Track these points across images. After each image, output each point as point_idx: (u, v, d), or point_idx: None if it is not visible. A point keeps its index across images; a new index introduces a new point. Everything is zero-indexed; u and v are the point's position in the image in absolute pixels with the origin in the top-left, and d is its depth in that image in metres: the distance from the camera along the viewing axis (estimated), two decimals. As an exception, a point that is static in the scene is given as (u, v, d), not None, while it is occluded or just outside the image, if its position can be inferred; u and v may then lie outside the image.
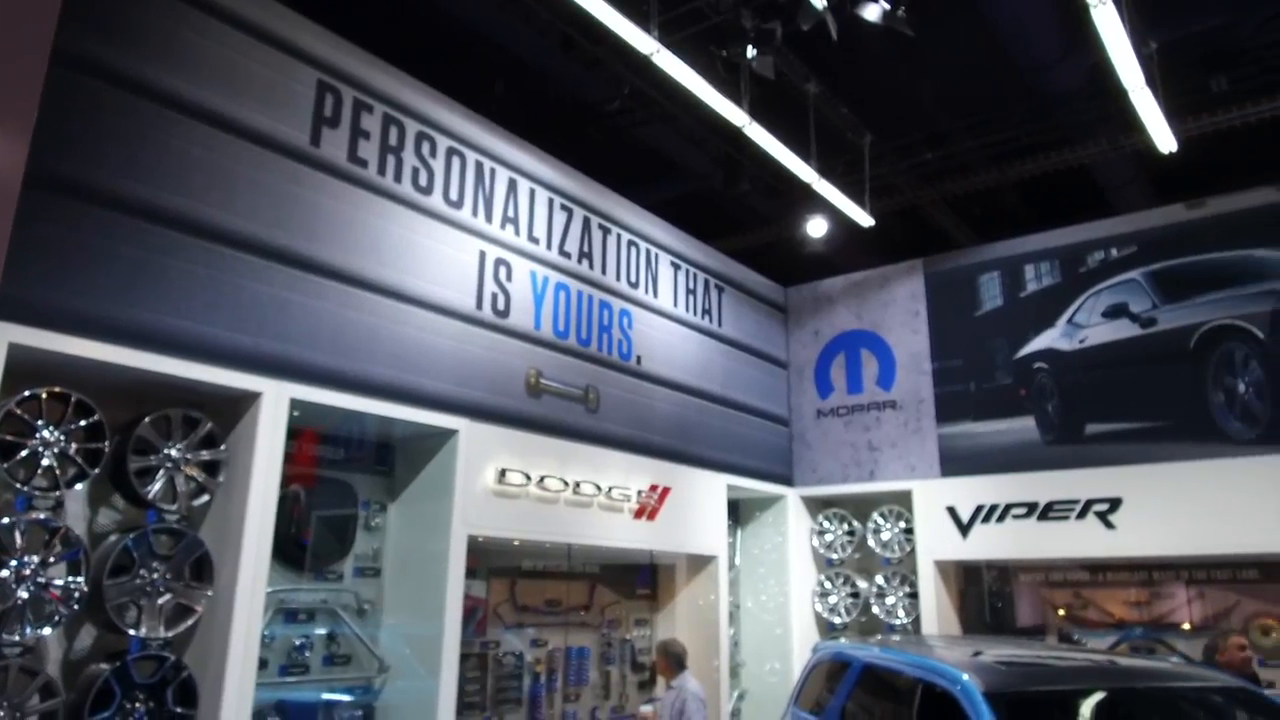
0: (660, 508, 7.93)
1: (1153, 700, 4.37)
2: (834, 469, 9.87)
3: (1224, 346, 7.76)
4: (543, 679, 7.30)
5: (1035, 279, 9.06)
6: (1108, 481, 8.02)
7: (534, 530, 6.76)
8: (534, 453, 6.80)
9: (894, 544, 9.22)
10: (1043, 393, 8.72)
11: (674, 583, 8.76)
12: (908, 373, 9.59)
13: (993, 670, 4.34)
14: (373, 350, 5.80)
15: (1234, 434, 7.65)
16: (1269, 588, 7.87)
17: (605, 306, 7.87)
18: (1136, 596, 8.46)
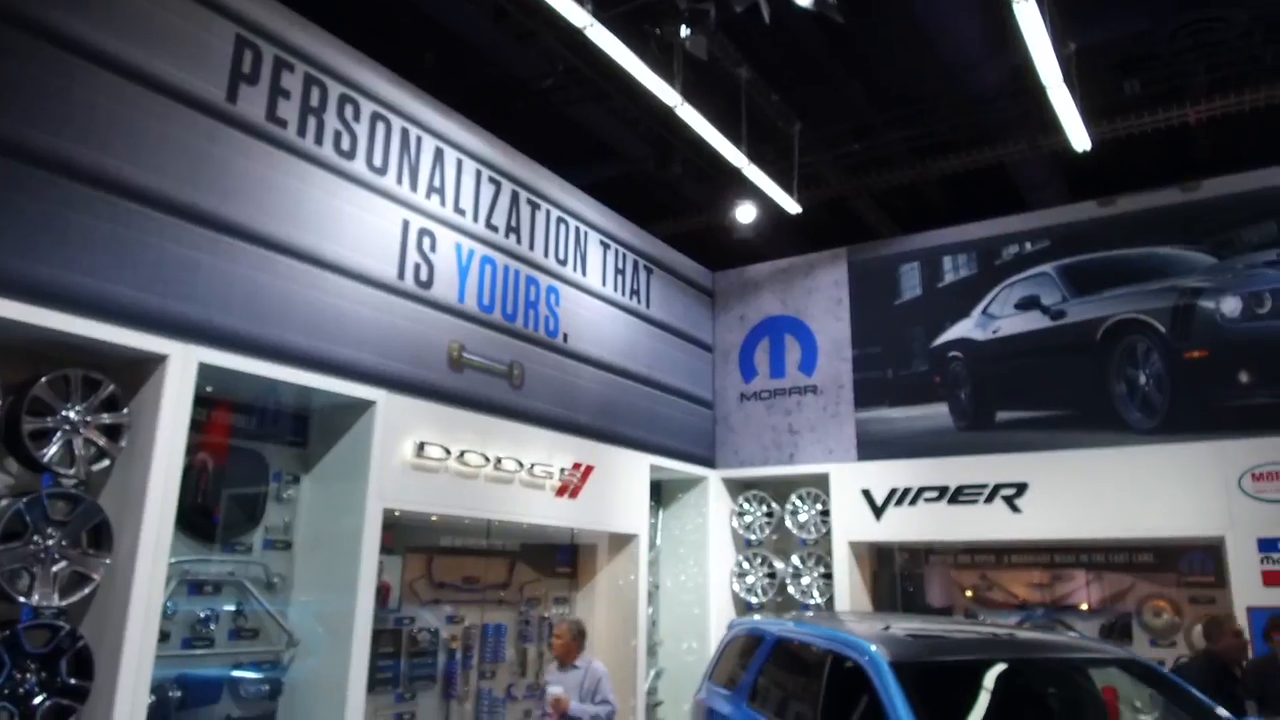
0: (583, 486, 7.92)
1: (1047, 670, 4.56)
2: (755, 452, 10.00)
3: (1128, 340, 8.10)
4: (458, 656, 7.23)
5: (953, 270, 9.31)
6: (1015, 467, 8.31)
7: (453, 506, 6.68)
8: (455, 427, 6.71)
9: (811, 525, 9.40)
10: (956, 381, 8.98)
11: (594, 561, 8.78)
12: (829, 359, 9.77)
13: (899, 642, 4.46)
14: (287, 316, 5.64)
15: (1134, 423, 8.00)
16: (1162, 571, 8.27)
17: (532, 282, 7.80)
18: (1039, 578, 8.81)
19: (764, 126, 8.69)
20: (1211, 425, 7.62)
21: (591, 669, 6.05)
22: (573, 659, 6.15)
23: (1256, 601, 7.11)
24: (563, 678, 5.98)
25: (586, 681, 5.95)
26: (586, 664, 6.12)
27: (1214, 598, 7.90)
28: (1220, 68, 7.63)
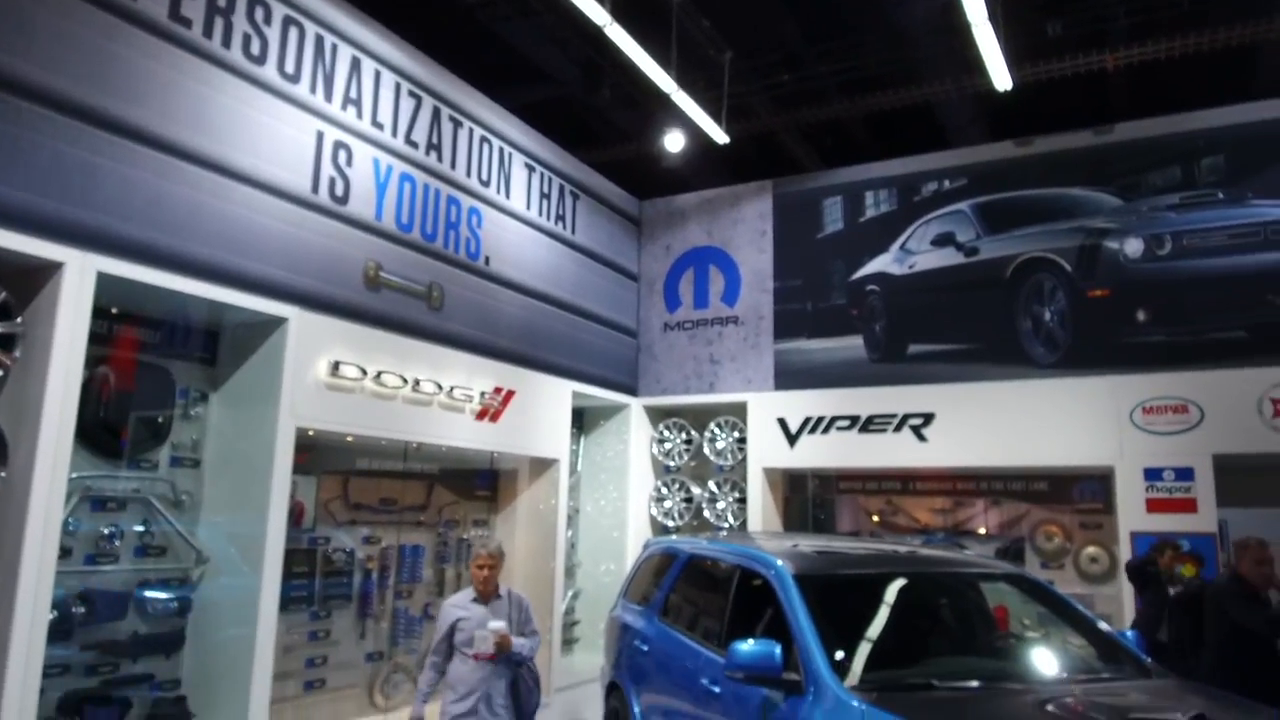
0: (503, 410, 7.92)
1: (940, 583, 4.81)
2: (677, 381, 10.12)
3: (1035, 277, 8.39)
4: (374, 576, 7.24)
5: (874, 206, 9.46)
6: (923, 398, 8.61)
7: (369, 427, 6.61)
8: (371, 347, 6.61)
9: (728, 452, 9.62)
10: (872, 314, 9.20)
11: (515, 485, 8.83)
12: (751, 290, 9.88)
13: (803, 557, 4.64)
14: (193, 227, 5.43)
15: (1037, 358, 8.34)
16: (1055, 498, 8.73)
17: (453, 202, 7.65)
18: (941, 504, 9.22)
19: (695, 54, 8.58)
20: (1108, 361, 8.00)
21: (514, 597, 5.15)
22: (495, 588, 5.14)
23: (1139, 527, 7.58)
24: (487, 611, 4.89)
25: (514, 612, 5.02)
26: (507, 593, 5.15)
27: (1101, 524, 8.40)
28: (1140, 13, 7.80)
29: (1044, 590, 4.76)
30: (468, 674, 4.78)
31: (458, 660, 4.81)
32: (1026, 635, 5.23)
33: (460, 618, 4.85)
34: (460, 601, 4.96)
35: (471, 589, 4.96)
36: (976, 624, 4.78)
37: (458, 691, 4.76)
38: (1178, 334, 7.87)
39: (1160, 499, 7.53)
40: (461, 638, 4.82)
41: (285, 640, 6.45)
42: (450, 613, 4.90)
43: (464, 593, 5.04)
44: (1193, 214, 7.96)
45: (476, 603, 4.91)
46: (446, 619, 4.88)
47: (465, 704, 4.74)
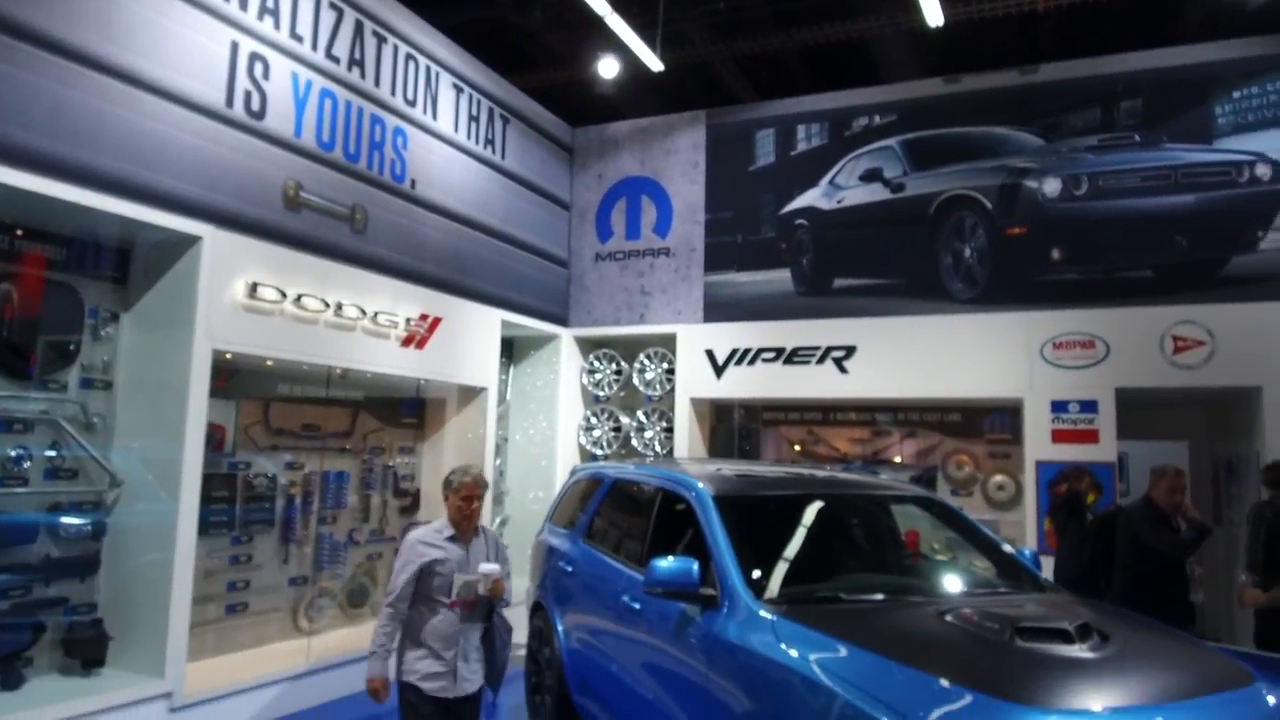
0: (430, 337, 7.84)
1: (853, 505, 5.00)
2: (608, 312, 10.13)
3: (957, 214, 8.57)
4: (297, 502, 7.19)
5: (806, 140, 9.49)
6: (846, 331, 8.80)
7: (290, 351, 6.48)
8: (291, 269, 6.44)
9: (656, 383, 9.73)
10: (800, 248, 9.30)
11: (442, 413, 8.80)
12: (683, 222, 9.88)
13: (723, 479, 4.76)
14: (99, 138, 5.17)
15: (955, 293, 8.57)
16: (967, 429, 9.08)
17: (377, 122, 7.42)
18: (860, 435, 9.51)
19: (629, -26, 8.39)
20: (1023, 297, 8.27)
21: (489, 534, 4.43)
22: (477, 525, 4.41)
23: (1044, 456, 7.96)
24: (466, 552, 4.18)
25: (491, 551, 4.32)
26: (483, 529, 4.44)
27: (1009, 453, 8.79)
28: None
29: (950, 511, 5.00)
30: (442, 626, 4.08)
31: (426, 609, 4.06)
32: (933, 556, 5.49)
33: (435, 559, 4.05)
34: (432, 539, 4.12)
35: (443, 524, 4.18)
36: (886, 544, 5.00)
37: (429, 647, 4.05)
38: (1089, 272, 8.17)
39: (1065, 430, 7.90)
40: (439, 583, 4.05)
41: (206, 564, 6.40)
42: (422, 552, 4.06)
43: (433, 528, 4.19)
44: (1109, 156, 8.20)
45: (454, 541, 4.13)
46: (416, 559, 4.05)
47: (438, 662, 4.06)
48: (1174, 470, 5.69)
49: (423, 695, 4.05)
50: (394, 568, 4.11)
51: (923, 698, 2.95)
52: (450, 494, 4.20)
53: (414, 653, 4.12)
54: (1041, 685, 2.97)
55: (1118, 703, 2.92)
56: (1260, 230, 7.71)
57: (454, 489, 4.19)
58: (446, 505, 4.23)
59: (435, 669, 4.09)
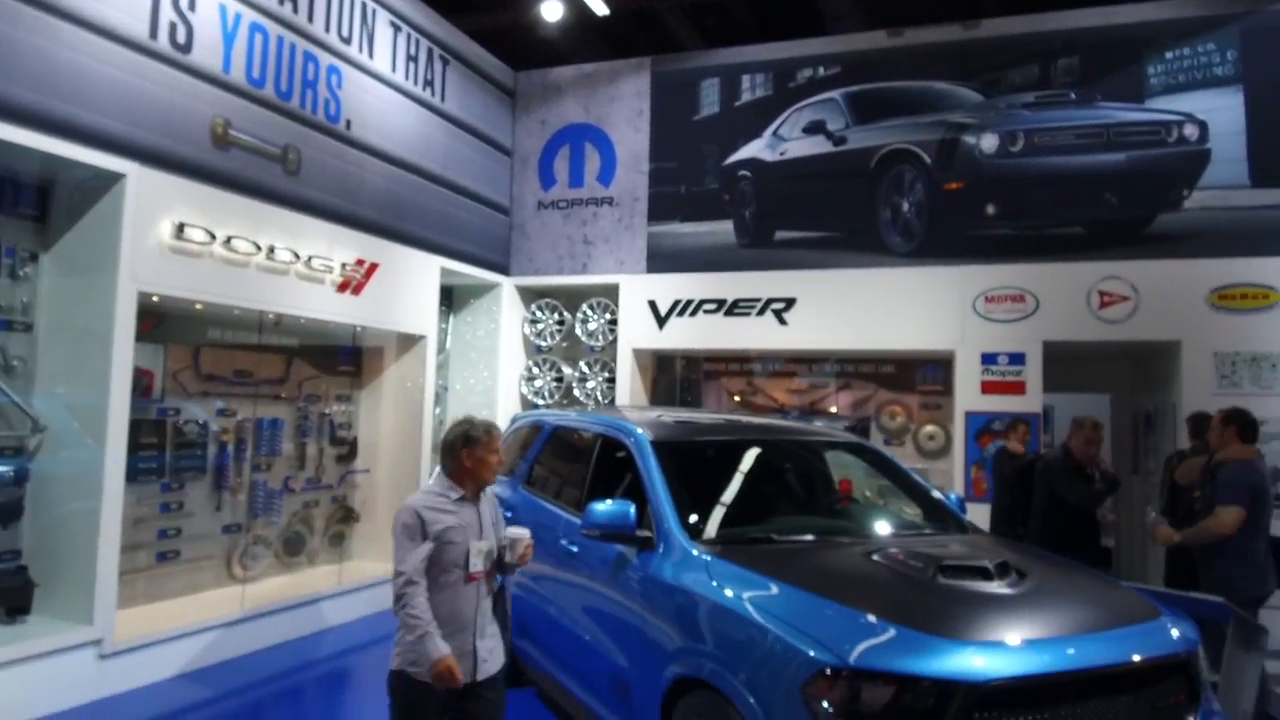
0: (366, 283, 7.69)
1: (787, 450, 5.10)
2: (550, 261, 10.05)
3: (897, 168, 8.66)
4: (230, 449, 7.06)
5: (750, 90, 9.45)
6: (786, 283, 8.88)
7: (220, 294, 6.30)
8: (220, 210, 6.24)
9: (599, 334, 9.72)
10: (743, 199, 9.32)
11: (380, 361, 8.68)
12: (627, 171, 9.80)
13: (661, 425, 4.81)
14: (13, 68, 4.91)
15: (893, 247, 8.70)
16: (900, 381, 9.29)
17: (311, 59, 7.17)
18: (797, 386, 9.67)
19: (572, -87, 8.19)
20: (957, 251, 8.43)
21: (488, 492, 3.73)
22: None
23: (974, 407, 8.19)
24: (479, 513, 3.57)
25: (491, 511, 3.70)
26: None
27: (940, 404, 9.02)
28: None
29: (879, 456, 5.13)
30: (457, 604, 3.42)
31: (434, 587, 3.39)
32: (863, 501, 5.64)
33: (449, 526, 3.40)
34: (438, 504, 3.44)
35: (446, 484, 3.51)
36: (818, 488, 5.13)
37: (443, 630, 3.35)
38: (1022, 228, 8.35)
39: (994, 381, 8.13)
40: (452, 554, 3.40)
41: (135, 512, 6.28)
42: (432, 519, 3.38)
43: (436, 491, 3.51)
44: (1045, 113, 8.34)
45: (465, 503, 3.50)
46: (428, 526, 3.37)
47: (455, 641, 3.38)
48: (1091, 423, 5.90)
49: (429, 690, 3.32)
50: (396, 542, 3.35)
51: (850, 632, 3.05)
52: (468, 448, 3.46)
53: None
54: (961, 619, 3.10)
55: (1033, 635, 3.06)
56: (1185, 189, 7.95)
57: (477, 442, 3.47)
58: (454, 462, 3.49)
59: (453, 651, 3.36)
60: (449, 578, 3.41)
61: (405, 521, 3.38)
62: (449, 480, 3.52)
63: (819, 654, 2.97)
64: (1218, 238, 7.80)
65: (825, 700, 2.90)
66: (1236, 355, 7.55)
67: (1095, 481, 5.83)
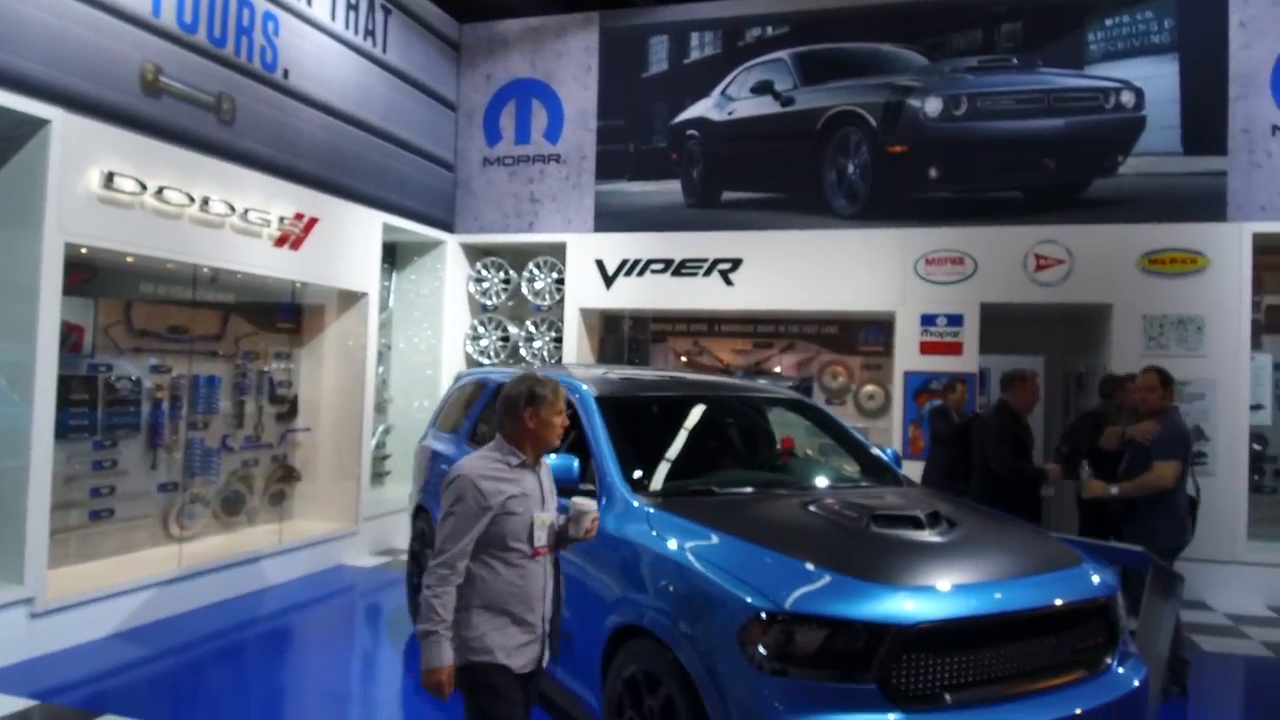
0: (305, 238, 7.53)
1: (729, 406, 5.17)
2: (496, 218, 9.94)
3: (843, 130, 8.71)
4: (165, 406, 6.90)
5: (699, 48, 9.39)
6: (732, 244, 8.92)
7: (152, 247, 6.11)
8: (151, 159, 6.03)
9: (546, 293, 9.67)
10: (691, 159, 9.30)
11: (321, 319, 8.53)
12: (574, 128, 9.70)
13: (606, 381, 4.83)
14: (-79, 1, 4.66)
15: (838, 209, 8.78)
16: (842, 342, 9.44)
17: (246, 4, 6.93)
18: (743, 346, 9.76)
19: None
20: (900, 214, 8.54)
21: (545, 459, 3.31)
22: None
23: (913, 367, 8.36)
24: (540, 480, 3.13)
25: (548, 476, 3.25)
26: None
27: (880, 365, 9.20)
28: None
29: (819, 412, 5.23)
30: (525, 581, 3.00)
31: (498, 564, 2.97)
32: (803, 456, 5.75)
33: (510, 495, 2.97)
34: (497, 471, 3.00)
35: (505, 449, 3.06)
36: (760, 444, 5.21)
37: (511, 612, 2.98)
38: (962, 191, 8.49)
39: (932, 342, 8.30)
40: (515, 525, 2.97)
41: (66, 470, 6.14)
42: (491, 490, 2.94)
43: (493, 456, 3.05)
44: (987, 78, 8.44)
45: (524, 469, 3.06)
46: (488, 498, 2.92)
47: (525, 630, 3.01)
48: (1032, 375, 6.06)
49: (511, 676, 2.96)
50: (446, 515, 2.92)
51: (786, 579, 3.13)
52: (532, 407, 3.02)
53: (490, 623, 2.95)
54: (893, 566, 3.20)
55: (961, 580, 3.17)
56: (1121, 155, 8.14)
57: (543, 401, 3.04)
58: (515, 423, 3.04)
59: (523, 639, 2.99)
60: (513, 555, 2.96)
61: (460, 494, 2.91)
62: (507, 444, 3.07)
63: (755, 600, 3.04)
64: (1150, 203, 8.02)
65: (760, 644, 2.98)
66: (1164, 318, 7.82)
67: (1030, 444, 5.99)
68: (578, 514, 3.11)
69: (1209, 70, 7.94)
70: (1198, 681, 5.35)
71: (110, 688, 4.98)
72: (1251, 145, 7.82)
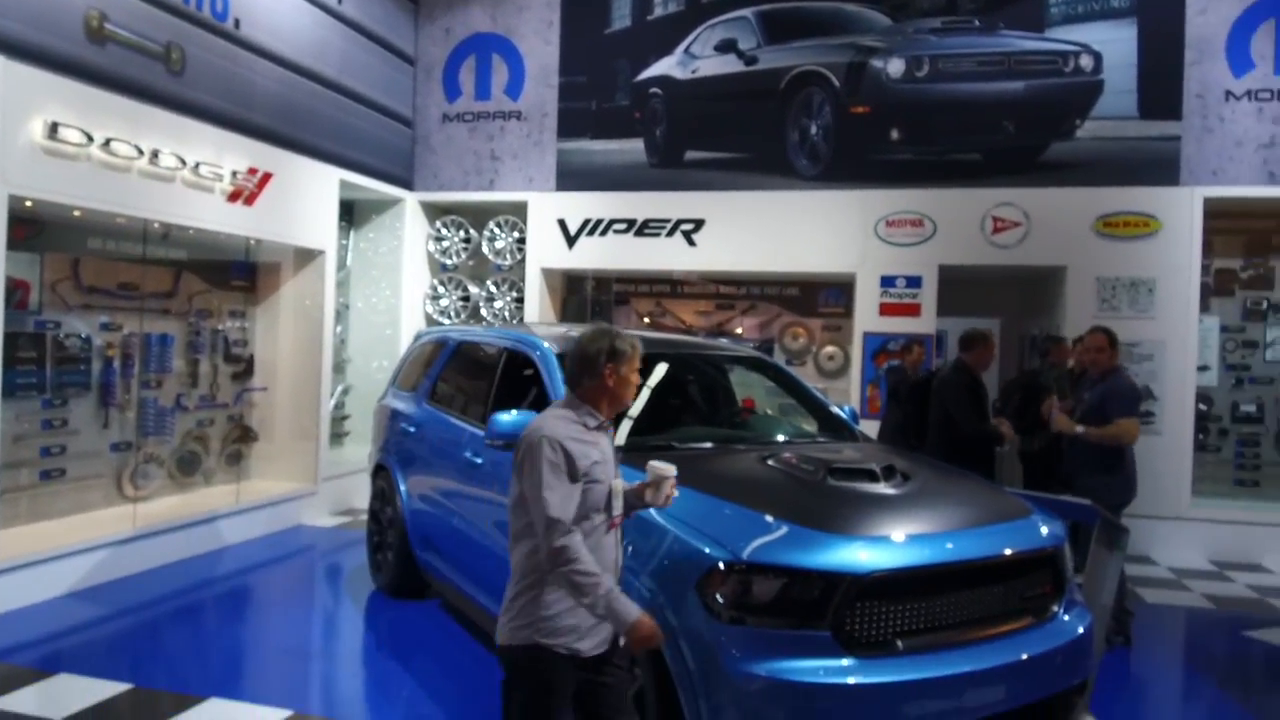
0: (260, 194, 7.36)
1: (690, 363, 5.20)
2: (455, 176, 9.79)
3: (806, 90, 8.69)
4: (116, 364, 6.76)
5: (662, 4, 9.27)
6: (695, 204, 8.90)
7: (99, 200, 5.93)
8: (98, 110, 5.84)
9: (507, 252, 9.58)
10: (654, 117, 9.22)
11: (277, 277, 8.38)
12: (536, 84, 9.56)
13: (568, 339, 4.80)
14: None
15: (800, 170, 8.78)
16: (803, 303, 9.50)
17: (194, -51, 6.70)
18: (705, 307, 9.78)
19: None
20: (861, 175, 8.57)
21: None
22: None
23: (872, 328, 8.45)
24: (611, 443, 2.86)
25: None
26: None
27: (840, 326, 9.28)
28: None
29: (779, 370, 5.28)
30: (599, 554, 2.68)
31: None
32: (762, 413, 5.81)
33: (594, 460, 2.68)
34: (578, 433, 2.70)
35: (581, 409, 2.77)
36: (720, 401, 5.25)
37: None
38: (923, 153, 8.53)
39: (891, 303, 8.39)
40: (596, 495, 2.68)
41: (14, 429, 6.01)
42: (579, 453, 2.64)
43: (570, 416, 2.75)
44: (950, 39, 8.45)
45: (601, 431, 2.79)
46: (577, 463, 2.62)
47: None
48: (990, 333, 6.18)
49: (568, 665, 2.67)
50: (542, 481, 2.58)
51: (744, 530, 3.17)
52: (613, 363, 2.76)
53: (564, 601, 2.63)
54: (848, 517, 3.25)
55: (914, 531, 3.24)
56: (1079, 119, 8.23)
57: (624, 356, 2.78)
58: (594, 380, 2.77)
59: (595, 620, 2.67)
60: (590, 525, 2.67)
61: (551, 458, 2.60)
62: (583, 403, 2.78)
63: (714, 551, 3.08)
64: (1106, 167, 8.14)
65: (719, 594, 3.02)
66: (1117, 280, 7.97)
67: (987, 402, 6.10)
68: (657, 479, 2.78)
69: (1166, 35, 8.03)
70: (1141, 631, 5.55)
71: (65, 647, 4.92)
72: (1205, 110, 7.95)
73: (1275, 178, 7.81)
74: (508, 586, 2.72)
